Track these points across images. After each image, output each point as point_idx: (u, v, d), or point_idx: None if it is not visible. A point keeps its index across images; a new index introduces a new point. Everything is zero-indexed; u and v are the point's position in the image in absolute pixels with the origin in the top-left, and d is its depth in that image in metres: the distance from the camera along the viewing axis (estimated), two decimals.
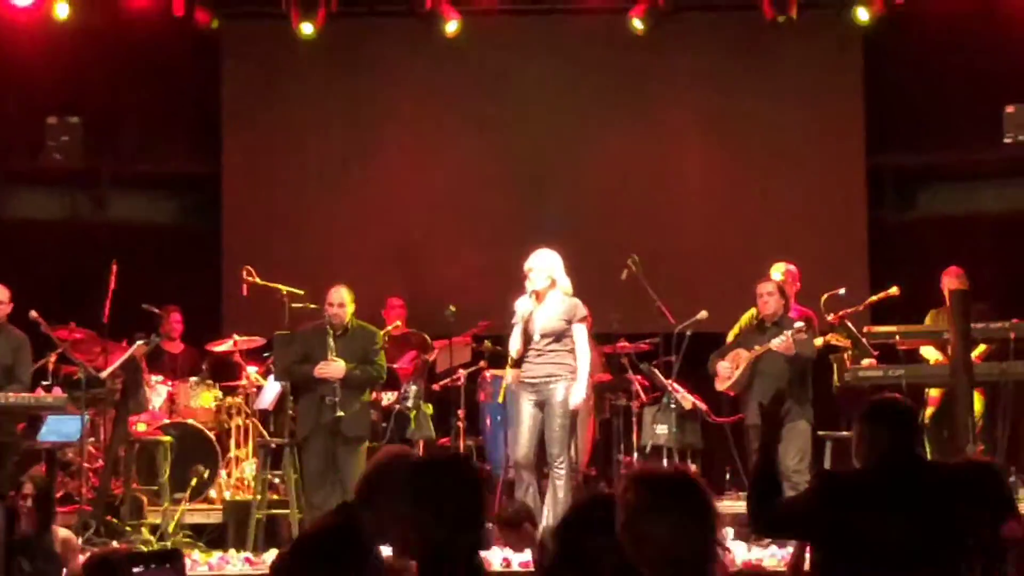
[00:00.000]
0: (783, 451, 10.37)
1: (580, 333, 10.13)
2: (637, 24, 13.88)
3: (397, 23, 14.32)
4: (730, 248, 13.73)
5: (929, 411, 11.50)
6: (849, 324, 11.01)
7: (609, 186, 14.12)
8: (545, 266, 10.11)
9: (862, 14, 13.67)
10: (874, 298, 11.58)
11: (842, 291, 11.39)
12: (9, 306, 11.05)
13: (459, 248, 13.76)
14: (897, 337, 11.15)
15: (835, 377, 11.07)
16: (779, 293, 10.63)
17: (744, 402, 10.75)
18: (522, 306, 10.06)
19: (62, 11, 13.42)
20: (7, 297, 11.05)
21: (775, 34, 13.88)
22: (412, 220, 14.17)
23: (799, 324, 10.39)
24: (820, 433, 10.82)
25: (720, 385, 10.83)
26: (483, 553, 6.45)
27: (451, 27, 13.88)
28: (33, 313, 10.89)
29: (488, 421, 11.71)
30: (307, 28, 13.72)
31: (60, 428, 10.80)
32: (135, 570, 3.46)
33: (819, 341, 10.85)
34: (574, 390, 10.02)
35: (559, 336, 10.06)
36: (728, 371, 10.71)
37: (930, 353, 11.55)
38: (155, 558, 3.59)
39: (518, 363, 10.16)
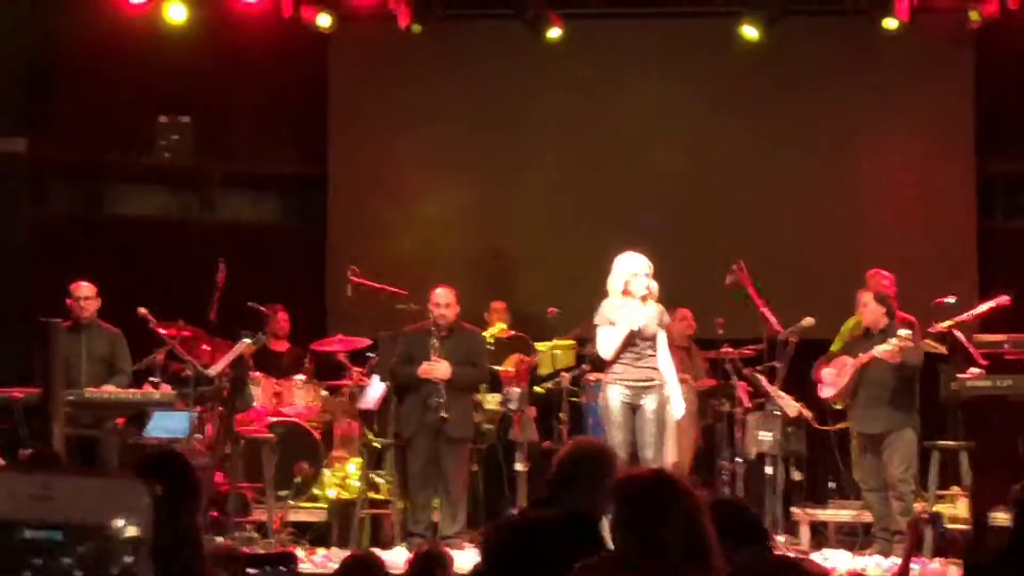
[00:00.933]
0: (887, 459, 10.30)
1: (664, 340, 10.13)
2: (749, 31, 13.77)
3: (502, 26, 14.35)
4: (837, 254, 13.62)
5: None
6: (957, 333, 10.87)
7: (713, 190, 14.06)
8: (648, 271, 10.09)
9: (973, 17, 13.47)
10: (984, 307, 11.42)
11: (952, 299, 11.25)
12: (97, 302, 11.18)
13: (560, 251, 13.76)
14: (1006, 346, 11.00)
15: (942, 386, 10.93)
16: (876, 302, 10.50)
17: (850, 410, 10.65)
18: (618, 308, 10.03)
19: (177, 14, 13.56)
20: (93, 292, 11.19)
21: (884, 39, 13.77)
22: (514, 222, 14.21)
23: (905, 332, 10.27)
24: (926, 443, 10.69)
25: (824, 393, 10.75)
26: None
27: (553, 33, 13.90)
28: (142, 310, 11.02)
29: (590, 423, 11.68)
30: (416, 29, 13.79)
31: (167, 424, 10.92)
32: (250, 571, 3.49)
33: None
34: (677, 402, 10.02)
35: (654, 341, 10.06)
36: (833, 378, 10.62)
37: None
38: (270, 560, 3.62)
39: (610, 365, 10.13)
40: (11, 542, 1.43)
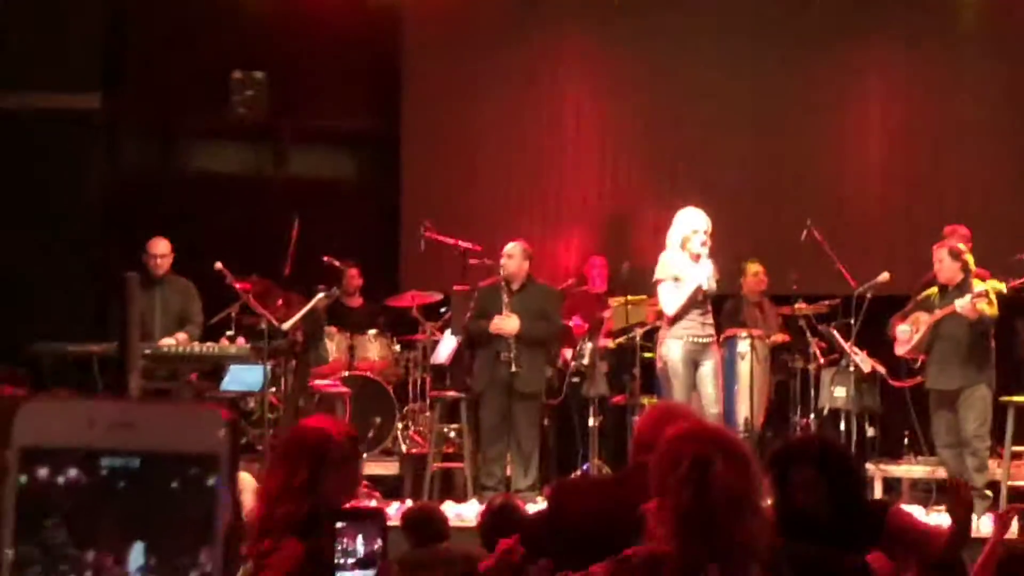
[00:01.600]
0: (963, 417, 10.23)
1: None
2: None
3: None
4: (912, 210, 13.50)
5: None
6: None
7: (789, 147, 13.95)
8: (707, 227, 10.07)
9: None
10: None
11: (1023, 256, 11.15)
12: (170, 258, 11.27)
13: (638, 207, 13.73)
14: None
15: (1020, 342, 10.85)
16: (951, 257, 10.40)
17: (925, 366, 10.58)
18: (684, 265, 10.03)
19: None
20: (168, 249, 11.29)
21: None
22: (589, 177, 14.16)
23: (981, 287, 10.18)
24: (1002, 399, 10.61)
25: (900, 349, 10.68)
26: None
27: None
28: (218, 264, 11.09)
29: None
30: None
31: (242, 378, 11.03)
32: (338, 524, 3.53)
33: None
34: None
35: (710, 297, 10.10)
36: (908, 335, 10.55)
37: None
38: (358, 515, 3.66)
39: (673, 321, 10.13)
40: (90, 470, 1.45)
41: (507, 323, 10.55)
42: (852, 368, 11.04)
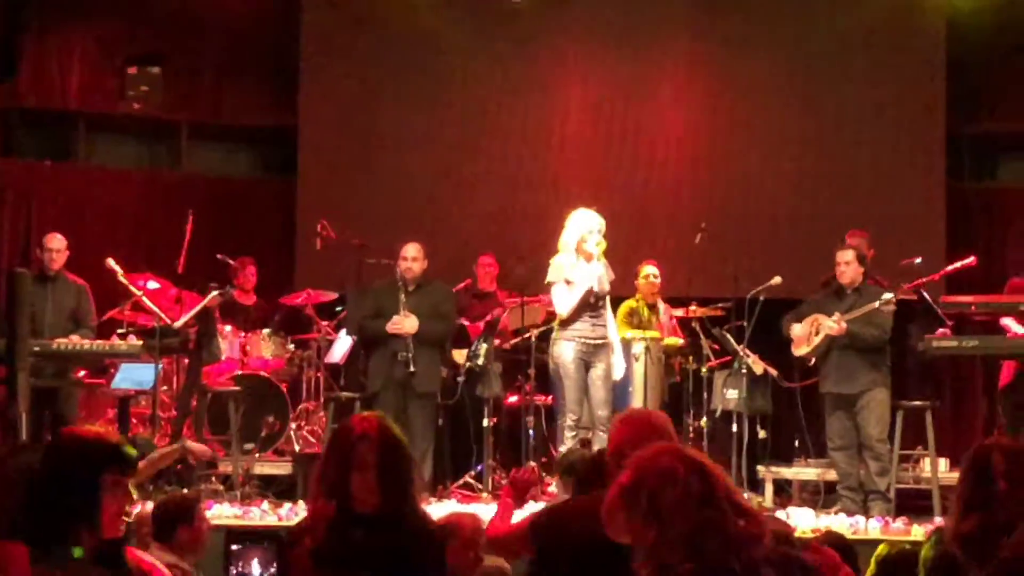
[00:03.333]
0: (863, 420, 10.29)
1: (607, 299, 10.29)
2: None
3: None
4: (805, 214, 13.63)
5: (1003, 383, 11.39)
6: (924, 293, 10.90)
7: (684, 149, 14.03)
8: (602, 228, 10.11)
9: None
10: (951, 268, 11.45)
11: (918, 260, 11.28)
12: (66, 254, 11.12)
13: (530, 207, 13.73)
14: (973, 307, 11.03)
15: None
16: (857, 261, 10.50)
17: (821, 369, 10.62)
18: (573, 267, 10.06)
19: None
20: (64, 245, 11.13)
21: None
22: (484, 178, 14.15)
23: (887, 296, 10.24)
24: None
25: (797, 350, 10.72)
26: None
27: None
28: (110, 261, 10.98)
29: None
30: None
31: (134, 376, 10.91)
32: (233, 547, 3.50)
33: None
34: (619, 363, 10.30)
35: (605, 299, 10.15)
36: (805, 336, 10.58)
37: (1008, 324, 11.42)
38: (253, 536, 3.63)
39: (567, 323, 10.17)
40: None
41: (406, 323, 10.52)
42: (744, 370, 11.11)
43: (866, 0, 13.74)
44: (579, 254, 10.09)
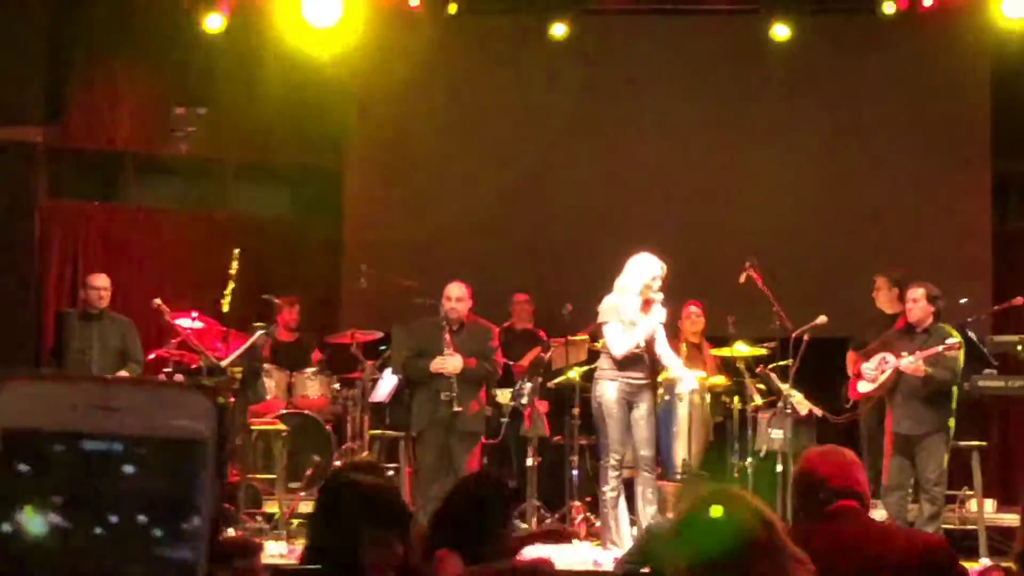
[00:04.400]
0: (922, 462, 10.20)
1: (662, 329, 10.30)
2: (780, 31, 13.69)
3: (520, 21, 14.31)
4: (851, 253, 13.61)
5: None
6: (970, 333, 10.86)
7: (728, 188, 14.05)
8: (664, 274, 10.13)
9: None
10: (997, 307, 11.41)
11: (963, 300, 11.25)
12: (110, 292, 11.21)
13: (576, 247, 13.76)
14: (1019, 347, 10.99)
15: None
16: (927, 300, 10.40)
17: (888, 408, 10.51)
18: (636, 311, 10.07)
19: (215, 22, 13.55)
20: (108, 284, 11.23)
21: (899, 36, 13.75)
22: (531, 218, 14.19)
23: (953, 340, 10.17)
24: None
25: (864, 388, 10.63)
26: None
27: (558, 30, 13.85)
28: (157, 301, 11.05)
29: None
30: (451, 9, 13.70)
31: None
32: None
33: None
34: (688, 378, 10.57)
35: (652, 340, 10.14)
36: (873, 374, 10.50)
37: None
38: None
39: (614, 362, 10.17)
40: (73, 453, 1.43)
41: (450, 362, 10.54)
42: (789, 410, 11.07)
43: (912, 39, 13.74)
44: (641, 298, 10.09)
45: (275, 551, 9.54)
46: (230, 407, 8.52)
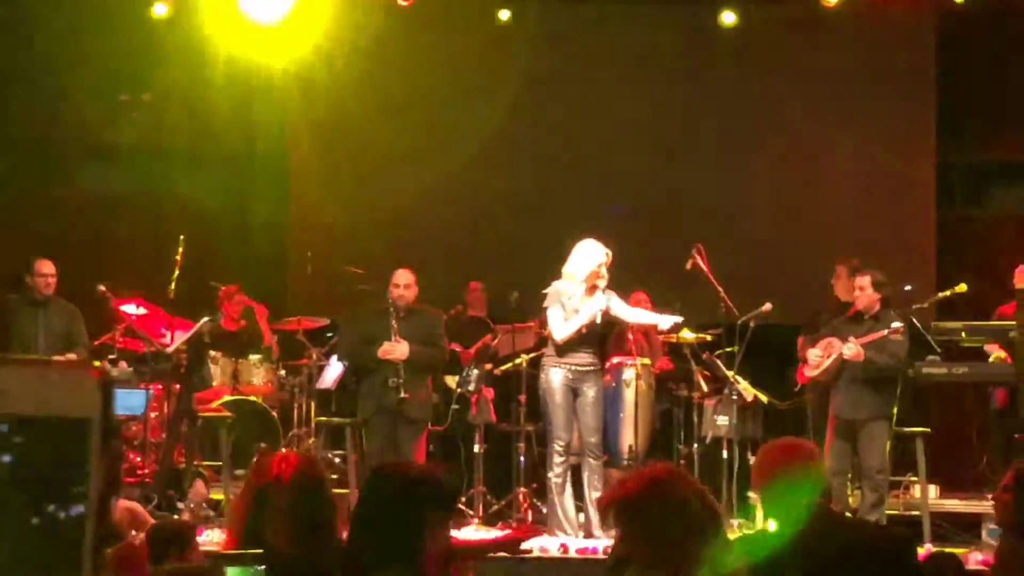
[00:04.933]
0: (865, 449, 10.25)
1: (618, 301, 10.31)
2: (728, 18, 13.77)
3: (459, 3, 14.29)
4: (796, 241, 13.68)
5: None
6: (914, 320, 10.93)
7: (675, 176, 14.09)
8: (609, 260, 10.14)
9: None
10: (941, 295, 11.48)
11: (908, 287, 11.31)
12: (54, 277, 11.15)
13: (524, 234, 13.75)
14: (963, 334, 11.06)
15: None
16: (873, 287, 10.45)
17: (832, 393, 10.57)
18: (580, 296, 10.07)
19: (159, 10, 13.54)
20: (53, 271, 11.16)
21: (846, 25, 13.80)
22: (478, 205, 14.18)
23: (897, 324, 10.23)
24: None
25: (810, 372, 10.68)
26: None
27: (504, 15, 13.90)
28: (101, 287, 11.00)
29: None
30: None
31: (125, 402, 10.92)
32: (228, 569, 3.42)
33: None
34: (665, 319, 10.36)
35: (594, 326, 10.16)
36: (819, 359, 10.54)
37: (995, 351, 11.45)
38: (243, 559, 3.54)
39: (557, 348, 10.17)
40: None
41: (397, 349, 10.52)
42: (735, 397, 11.12)
43: (857, 30, 13.80)
44: (586, 284, 10.09)
45: (220, 538, 9.49)
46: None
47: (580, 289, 10.08)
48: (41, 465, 1.39)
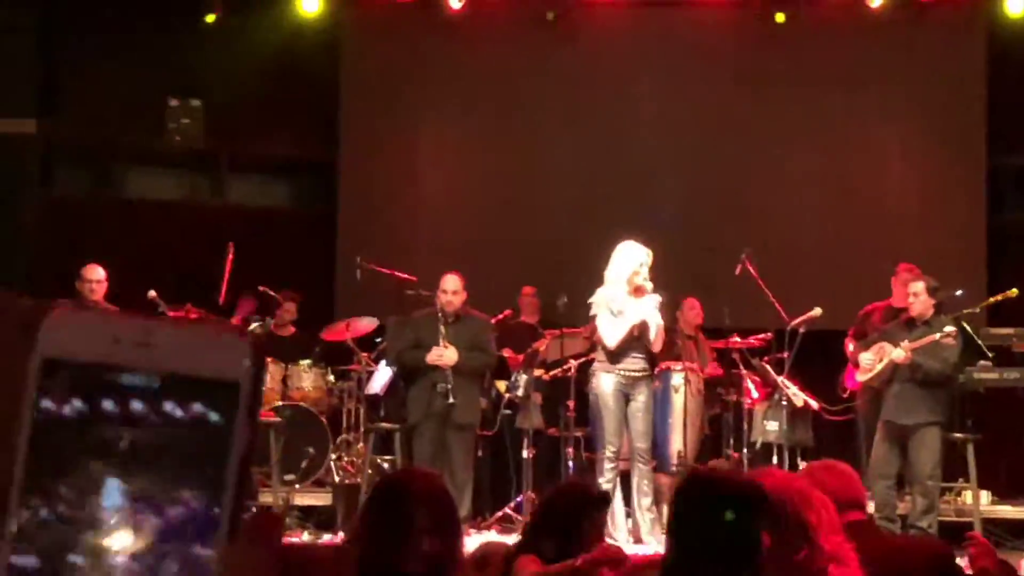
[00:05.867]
0: (915, 454, 10.18)
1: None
2: (781, 17, 13.78)
3: (518, 11, 14.30)
4: (846, 245, 13.62)
5: None
6: (965, 325, 10.86)
7: (725, 180, 14.05)
8: (650, 261, 10.11)
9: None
10: (992, 299, 11.41)
11: (959, 292, 11.25)
12: (104, 284, 11.20)
13: (572, 238, 13.73)
14: (1014, 339, 10.99)
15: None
16: (928, 293, 10.39)
17: (883, 397, 10.51)
18: (625, 299, 10.04)
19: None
20: (102, 276, 11.21)
21: (896, 29, 13.76)
22: (526, 210, 14.16)
23: (949, 329, 10.16)
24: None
25: (861, 376, 10.63)
26: None
27: (551, 16, 13.96)
28: (152, 293, 11.04)
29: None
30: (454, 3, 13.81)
31: None
32: None
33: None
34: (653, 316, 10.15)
35: (647, 331, 10.10)
36: (871, 363, 10.48)
37: None
38: None
39: (609, 354, 10.15)
40: (112, 386, 1.41)
41: (446, 355, 10.53)
42: (785, 402, 11.09)
43: (907, 33, 13.75)
44: (628, 287, 10.07)
45: None
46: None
47: (623, 291, 10.06)
48: (189, 426, 1.39)
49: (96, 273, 11.19)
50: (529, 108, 14.25)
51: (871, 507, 10.47)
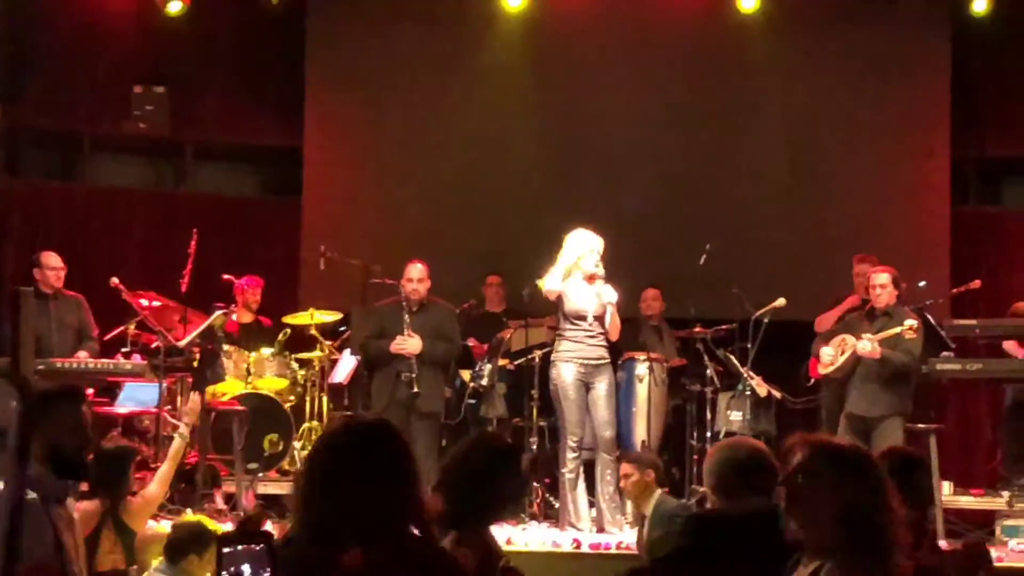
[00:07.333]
0: (878, 448, 10.12)
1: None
2: (746, 4, 13.77)
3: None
4: (810, 236, 13.63)
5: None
6: (928, 316, 10.89)
7: (690, 170, 14.03)
8: (600, 249, 10.10)
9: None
10: (955, 291, 11.45)
11: (922, 283, 11.28)
12: (64, 271, 11.15)
13: (536, 229, 13.69)
14: (977, 330, 11.03)
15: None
16: (892, 284, 10.40)
17: (845, 389, 10.53)
18: (574, 286, 10.04)
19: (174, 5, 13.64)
20: (61, 263, 11.16)
21: (860, 22, 13.77)
22: (491, 200, 14.13)
23: (911, 322, 10.16)
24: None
25: (823, 370, 10.64)
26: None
27: (514, 2, 13.92)
28: (114, 280, 11.00)
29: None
30: None
31: (138, 395, 10.92)
32: (225, 550, 3.42)
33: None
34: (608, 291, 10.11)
35: (602, 320, 10.07)
36: (831, 357, 10.50)
37: (1010, 348, 11.41)
38: (247, 539, 3.52)
39: (561, 337, 10.14)
40: None
41: (410, 343, 10.52)
42: (748, 392, 11.11)
43: (871, 25, 13.76)
44: (580, 272, 10.06)
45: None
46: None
47: (574, 279, 10.06)
48: None
49: (54, 260, 11.15)
50: (496, 97, 14.21)
51: None
